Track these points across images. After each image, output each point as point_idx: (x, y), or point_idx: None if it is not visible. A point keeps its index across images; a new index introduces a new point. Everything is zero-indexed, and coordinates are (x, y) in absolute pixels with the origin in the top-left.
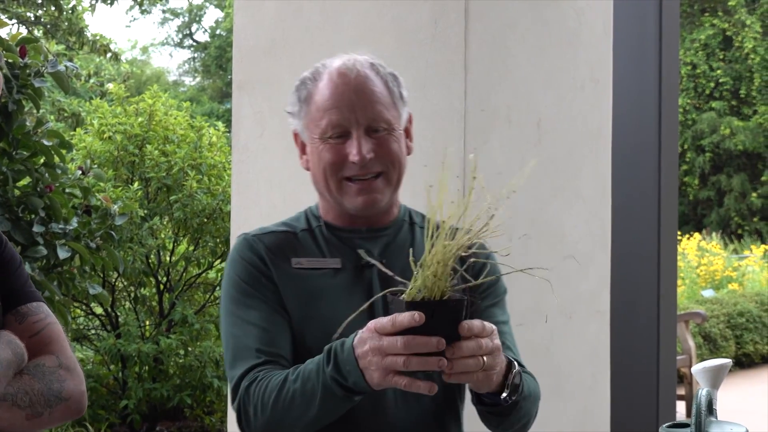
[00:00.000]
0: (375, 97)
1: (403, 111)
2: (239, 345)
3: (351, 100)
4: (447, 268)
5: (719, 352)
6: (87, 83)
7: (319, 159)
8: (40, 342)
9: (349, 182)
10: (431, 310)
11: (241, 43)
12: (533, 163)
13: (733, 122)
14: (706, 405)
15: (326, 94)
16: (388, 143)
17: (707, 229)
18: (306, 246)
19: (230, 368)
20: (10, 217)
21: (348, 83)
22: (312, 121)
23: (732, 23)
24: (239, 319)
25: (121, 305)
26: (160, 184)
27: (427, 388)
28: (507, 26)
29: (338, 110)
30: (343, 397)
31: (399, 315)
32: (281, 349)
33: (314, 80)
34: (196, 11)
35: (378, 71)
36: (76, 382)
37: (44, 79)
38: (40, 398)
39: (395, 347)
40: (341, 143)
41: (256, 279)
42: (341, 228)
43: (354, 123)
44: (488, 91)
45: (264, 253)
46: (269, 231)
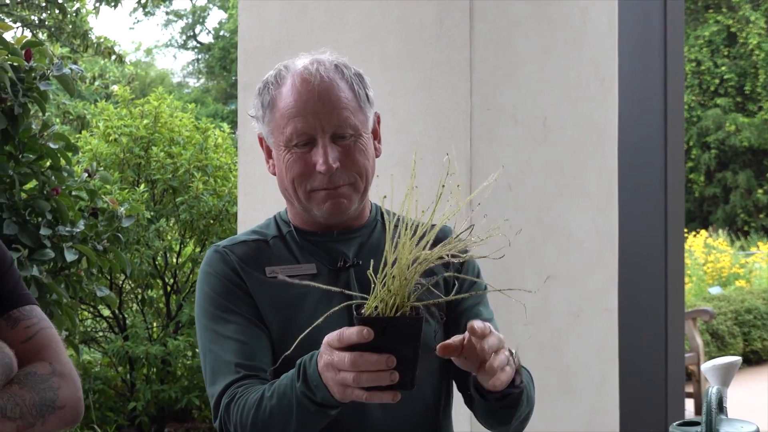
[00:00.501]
0: (340, 103)
1: (370, 113)
2: (217, 361)
3: (315, 107)
4: (406, 283)
5: (727, 350)
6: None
7: (285, 168)
8: (32, 348)
9: (317, 191)
10: (382, 327)
11: (246, 44)
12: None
13: (739, 119)
14: (717, 403)
15: (290, 101)
16: (354, 152)
17: (713, 226)
18: (278, 253)
19: (210, 385)
20: (17, 220)
21: (311, 90)
22: (276, 128)
23: (736, 19)
24: (216, 335)
25: (128, 307)
26: (166, 185)
27: (390, 397)
28: (512, 25)
29: (303, 118)
30: (316, 412)
31: (347, 330)
32: (260, 362)
33: (277, 85)
34: (199, 13)
35: (343, 73)
36: (71, 389)
37: (50, 82)
38: (32, 409)
39: (343, 364)
40: (307, 151)
41: (230, 292)
42: (312, 232)
43: (319, 130)
44: (494, 90)
45: (236, 265)
46: (240, 241)
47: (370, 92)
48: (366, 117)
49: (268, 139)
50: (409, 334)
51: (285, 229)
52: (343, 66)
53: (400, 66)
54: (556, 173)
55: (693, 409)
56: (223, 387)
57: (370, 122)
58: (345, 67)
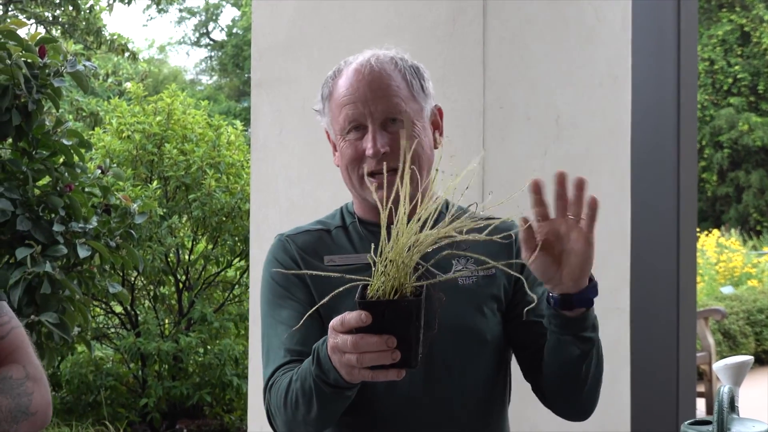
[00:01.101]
0: (390, 90)
1: (426, 104)
2: (271, 345)
3: (365, 94)
4: (405, 266)
5: (739, 349)
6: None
7: (341, 156)
8: (5, 348)
9: (370, 178)
10: (381, 310)
11: (260, 41)
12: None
13: (752, 118)
14: (729, 402)
15: (342, 90)
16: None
17: (726, 225)
18: (339, 243)
19: (263, 368)
20: (30, 216)
21: (362, 79)
22: (333, 118)
23: (750, 18)
24: (272, 320)
25: (140, 304)
26: (178, 182)
27: (394, 375)
28: (525, 23)
29: (353, 105)
30: (332, 394)
31: (347, 315)
32: (310, 347)
33: (335, 77)
34: (212, 10)
35: (396, 64)
36: (42, 394)
37: (63, 78)
38: (8, 415)
39: (346, 346)
40: (359, 138)
41: (287, 279)
42: (374, 222)
43: (369, 116)
44: (506, 87)
45: (296, 253)
46: (303, 230)
47: (427, 84)
48: (420, 107)
49: (330, 131)
50: (408, 315)
51: (349, 220)
52: (399, 58)
53: None
54: (569, 171)
55: (704, 409)
56: (271, 371)
57: (425, 112)
58: (401, 59)
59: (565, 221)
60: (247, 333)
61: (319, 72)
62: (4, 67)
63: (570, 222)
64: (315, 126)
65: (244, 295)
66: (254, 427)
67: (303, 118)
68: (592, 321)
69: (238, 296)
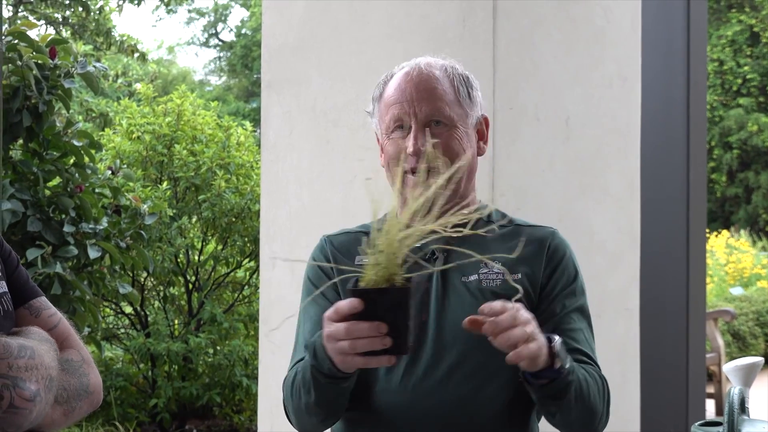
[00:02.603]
0: (436, 92)
1: (472, 111)
2: (298, 340)
3: (411, 94)
4: (394, 256)
5: (748, 350)
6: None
7: (384, 154)
8: (58, 336)
9: (410, 176)
10: (372, 297)
11: (270, 42)
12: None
13: (761, 119)
14: (739, 403)
15: (391, 91)
16: (447, 139)
17: (735, 226)
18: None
19: (290, 361)
20: (41, 217)
21: (410, 80)
22: (381, 118)
23: (759, 19)
24: (305, 316)
25: (150, 304)
26: (188, 183)
27: (386, 360)
28: (535, 24)
29: (399, 104)
30: (327, 384)
31: (341, 303)
32: None
33: (386, 82)
34: (221, 10)
35: (446, 70)
36: (96, 375)
37: (74, 79)
38: (74, 393)
39: (340, 333)
40: (402, 137)
41: (320, 278)
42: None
43: (412, 116)
44: (516, 89)
45: (330, 252)
46: (344, 231)
47: (475, 92)
48: (465, 113)
49: (378, 132)
50: (398, 303)
51: None
52: (450, 66)
53: None
54: (578, 172)
55: (714, 410)
56: (293, 364)
57: (471, 119)
58: (452, 66)
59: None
60: (256, 333)
61: (329, 72)
62: (15, 68)
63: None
64: (325, 127)
65: (254, 296)
66: (264, 427)
67: (313, 119)
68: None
69: (247, 297)
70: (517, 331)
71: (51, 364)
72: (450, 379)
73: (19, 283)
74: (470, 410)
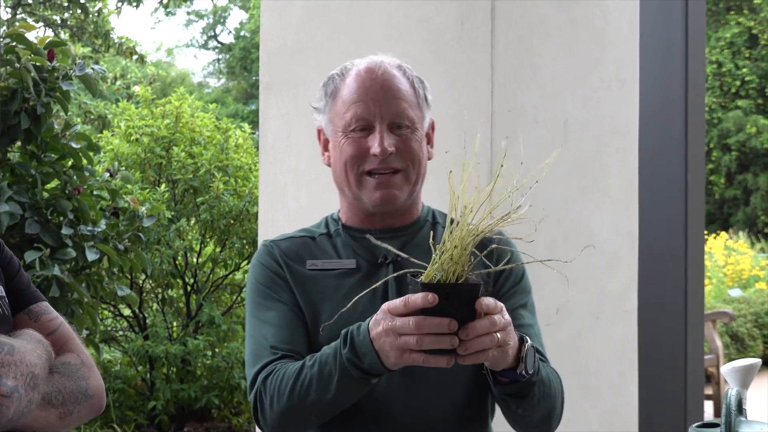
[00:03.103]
0: (400, 93)
1: (427, 114)
2: (257, 344)
3: (377, 94)
4: (465, 252)
5: (747, 352)
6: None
7: (340, 153)
8: (57, 340)
9: (368, 176)
10: (445, 293)
11: (268, 44)
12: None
13: (760, 121)
14: (736, 405)
15: (353, 87)
16: (410, 141)
17: (734, 228)
18: (323, 249)
19: (249, 367)
20: (39, 219)
21: (375, 78)
22: (337, 115)
23: (758, 21)
24: (258, 321)
25: (148, 307)
26: (187, 185)
27: (444, 361)
28: (533, 26)
29: (364, 103)
30: (359, 379)
31: (412, 296)
32: (297, 345)
33: (342, 76)
34: (220, 13)
35: (405, 71)
36: (97, 378)
37: (72, 82)
38: (71, 396)
39: (408, 327)
40: (364, 137)
41: (272, 281)
42: (359, 228)
43: (378, 117)
44: (515, 91)
45: (279, 257)
46: (288, 237)
47: (429, 96)
48: (422, 116)
49: (327, 128)
50: (470, 301)
51: (333, 227)
52: (406, 67)
53: (421, 67)
54: (577, 174)
55: (712, 412)
56: (260, 366)
57: (425, 123)
58: (407, 68)
59: None
60: None
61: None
62: (13, 70)
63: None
64: None
65: None
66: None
67: (311, 121)
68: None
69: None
70: (486, 340)
71: (34, 362)
72: (408, 382)
73: (20, 288)
74: (429, 413)
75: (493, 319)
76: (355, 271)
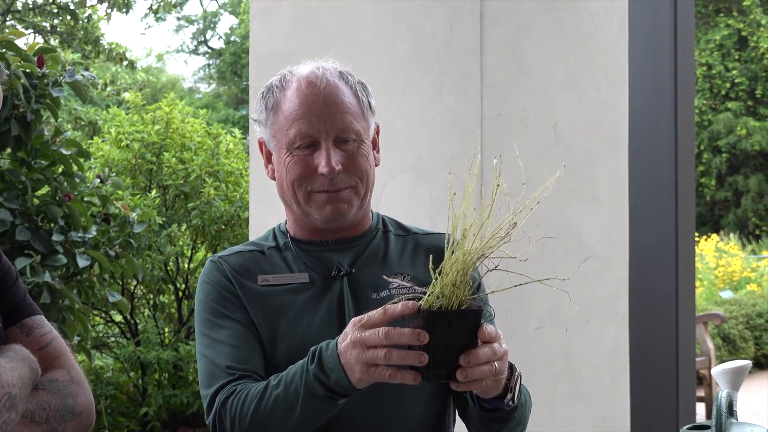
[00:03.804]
0: (345, 107)
1: (371, 122)
2: (211, 364)
3: (320, 110)
4: (466, 277)
5: (738, 354)
6: (103, 92)
7: (286, 171)
8: (48, 356)
9: (316, 193)
10: (449, 320)
11: (258, 49)
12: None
13: (750, 122)
14: (727, 406)
15: (295, 103)
16: (357, 156)
17: (725, 230)
18: (273, 263)
19: (204, 388)
20: (29, 226)
21: (317, 93)
22: (279, 130)
23: (747, 23)
24: (210, 340)
25: (140, 312)
26: (177, 191)
27: (411, 377)
28: (522, 30)
29: (307, 120)
30: (324, 398)
31: (390, 307)
32: (253, 365)
33: (282, 88)
34: (210, 18)
35: (347, 80)
36: (86, 396)
37: (62, 88)
38: (56, 414)
39: (376, 338)
40: (309, 154)
41: (224, 298)
42: (309, 241)
43: (323, 133)
44: (504, 94)
45: (229, 273)
46: (236, 252)
47: (372, 101)
48: (368, 125)
49: (269, 143)
50: (473, 326)
51: (282, 240)
52: (347, 73)
53: (411, 71)
54: (567, 178)
55: (704, 414)
56: (217, 387)
57: (371, 131)
58: (349, 74)
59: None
60: None
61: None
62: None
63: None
64: None
65: None
66: None
67: None
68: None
69: None
70: (485, 369)
71: (13, 381)
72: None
73: (15, 301)
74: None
75: (493, 347)
76: (309, 285)
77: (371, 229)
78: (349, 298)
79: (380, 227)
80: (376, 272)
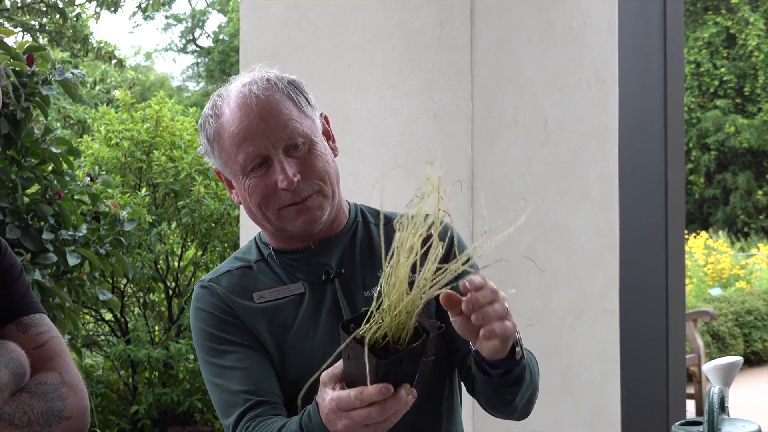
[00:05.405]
0: (282, 116)
1: (315, 116)
2: (226, 392)
3: (259, 127)
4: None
5: (728, 351)
6: (93, 90)
7: (249, 195)
8: (43, 356)
9: (285, 208)
10: (399, 360)
11: (248, 48)
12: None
13: (738, 120)
14: (719, 402)
15: (233, 129)
16: (312, 159)
17: (714, 227)
18: (264, 277)
19: (223, 418)
20: (19, 224)
21: (251, 113)
22: (229, 158)
23: (735, 21)
24: (218, 368)
25: (130, 311)
26: (167, 189)
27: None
28: (513, 28)
29: (251, 141)
30: None
31: (365, 390)
32: (268, 386)
33: (216, 116)
34: (199, 16)
35: (276, 86)
36: (78, 400)
37: (51, 86)
38: (40, 417)
39: (371, 418)
40: (265, 172)
41: (224, 323)
42: (292, 250)
43: (271, 148)
44: (495, 92)
45: (224, 296)
46: (224, 271)
47: (310, 96)
48: (312, 121)
49: (225, 171)
50: (420, 355)
51: (266, 251)
52: (275, 79)
53: (401, 69)
54: (557, 175)
55: (694, 410)
56: (236, 418)
57: (318, 125)
58: (277, 79)
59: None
60: None
61: (308, 78)
62: None
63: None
64: None
65: None
66: None
67: None
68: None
69: None
70: (497, 306)
71: None
72: None
73: (15, 298)
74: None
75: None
76: (305, 295)
77: (350, 223)
78: (344, 301)
79: (359, 219)
80: (365, 268)
